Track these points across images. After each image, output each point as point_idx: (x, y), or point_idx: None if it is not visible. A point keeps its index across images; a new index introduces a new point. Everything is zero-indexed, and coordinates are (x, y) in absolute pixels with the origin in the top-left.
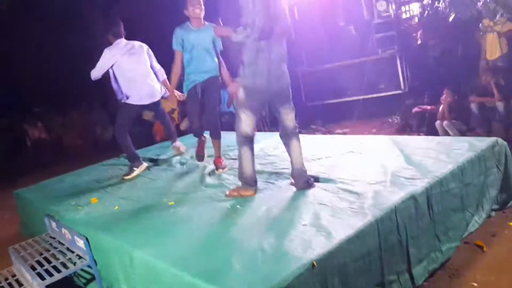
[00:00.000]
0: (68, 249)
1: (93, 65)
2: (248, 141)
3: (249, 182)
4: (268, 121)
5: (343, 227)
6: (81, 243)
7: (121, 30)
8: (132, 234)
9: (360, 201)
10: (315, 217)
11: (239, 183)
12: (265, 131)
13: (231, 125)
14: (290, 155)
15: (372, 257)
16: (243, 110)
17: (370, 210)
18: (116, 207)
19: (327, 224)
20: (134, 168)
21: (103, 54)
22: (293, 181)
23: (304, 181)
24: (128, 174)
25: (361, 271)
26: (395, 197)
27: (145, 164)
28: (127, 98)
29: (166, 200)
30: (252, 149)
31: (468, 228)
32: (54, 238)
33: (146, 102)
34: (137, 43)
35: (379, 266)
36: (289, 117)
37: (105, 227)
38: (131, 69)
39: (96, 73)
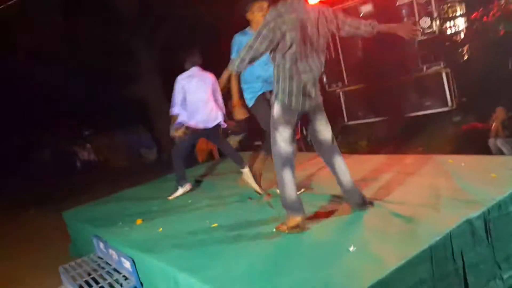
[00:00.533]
0: (115, 270)
1: (138, 90)
2: (289, 162)
3: (296, 208)
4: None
5: (394, 253)
6: (127, 264)
7: (196, 59)
8: (176, 257)
9: (411, 225)
10: (363, 243)
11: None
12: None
13: None
14: (336, 173)
15: (426, 286)
16: (281, 127)
17: (422, 235)
18: (160, 229)
19: (376, 251)
20: (179, 187)
21: (176, 82)
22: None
23: (359, 200)
24: (172, 194)
25: None
26: (449, 221)
27: (189, 185)
28: (189, 120)
29: (209, 222)
30: (293, 170)
31: None
32: (101, 259)
33: (207, 126)
34: (208, 74)
35: None
36: (326, 130)
37: (150, 249)
38: (196, 94)
39: (173, 108)
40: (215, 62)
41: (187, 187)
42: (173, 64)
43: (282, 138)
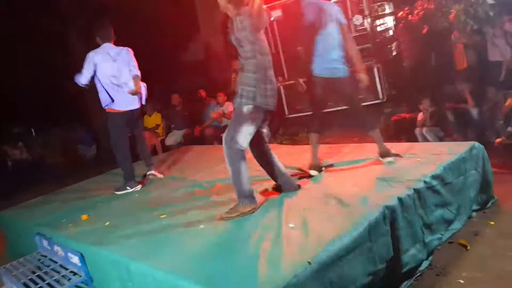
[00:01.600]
0: (61, 266)
1: (73, 84)
2: (244, 155)
3: (250, 196)
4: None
5: (335, 227)
6: (75, 259)
7: (109, 33)
8: (127, 247)
9: (348, 205)
10: (303, 222)
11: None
12: None
13: None
14: (274, 162)
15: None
16: (247, 124)
17: (359, 211)
18: (108, 223)
19: (317, 228)
20: (128, 188)
21: (87, 56)
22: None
23: (293, 183)
24: (120, 190)
25: (355, 262)
26: (383, 198)
27: (139, 186)
28: (113, 104)
29: (158, 213)
30: (246, 162)
31: (451, 226)
32: (45, 256)
33: (132, 107)
34: (124, 49)
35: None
36: (267, 128)
37: (99, 242)
38: (114, 75)
39: (80, 77)
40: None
41: (137, 188)
42: None
43: (246, 136)
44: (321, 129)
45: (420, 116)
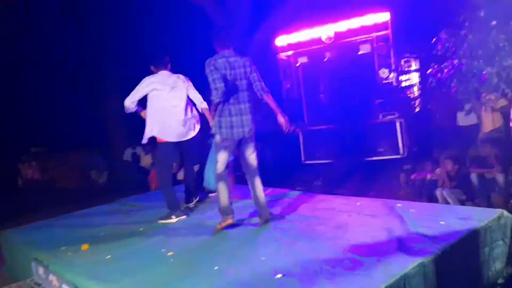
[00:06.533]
0: None
1: (99, 110)
2: (225, 177)
3: (225, 211)
4: None
5: None
6: None
7: (163, 61)
8: (125, 286)
9: (367, 266)
10: (321, 282)
11: None
12: None
13: None
14: (255, 190)
15: None
16: (221, 151)
17: (378, 276)
18: (109, 256)
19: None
20: (173, 217)
21: (142, 81)
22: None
23: (269, 214)
24: (164, 219)
25: None
26: (403, 264)
27: (184, 216)
28: (162, 135)
29: (165, 250)
30: (227, 183)
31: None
32: (39, 285)
33: (182, 139)
34: (180, 76)
35: None
36: (253, 156)
37: (96, 277)
38: (172, 104)
39: (129, 100)
40: None
41: (182, 218)
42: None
43: (221, 160)
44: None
45: (440, 176)
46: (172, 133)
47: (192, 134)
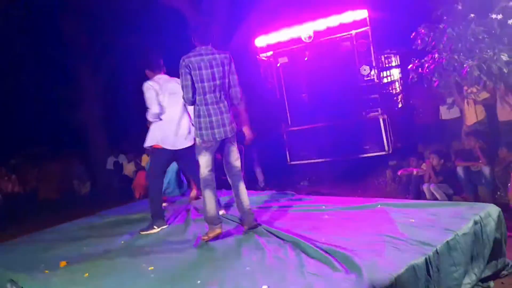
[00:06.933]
0: None
1: (76, 117)
2: (210, 183)
3: (213, 221)
4: None
5: None
6: None
7: (159, 64)
8: None
9: (355, 269)
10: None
11: None
12: None
13: None
14: (239, 195)
15: None
16: (202, 153)
17: (367, 279)
18: (87, 274)
19: None
20: (155, 227)
21: (144, 86)
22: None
23: (253, 221)
24: (146, 230)
25: None
26: (393, 266)
27: (166, 226)
28: (162, 143)
29: (146, 265)
30: (214, 190)
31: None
32: None
33: (181, 146)
34: (178, 81)
35: None
36: (236, 157)
37: None
38: (170, 110)
39: (154, 108)
40: None
41: (164, 227)
42: (116, 93)
43: (204, 165)
44: None
45: (426, 171)
46: (171, 141)
47: (191, 142)
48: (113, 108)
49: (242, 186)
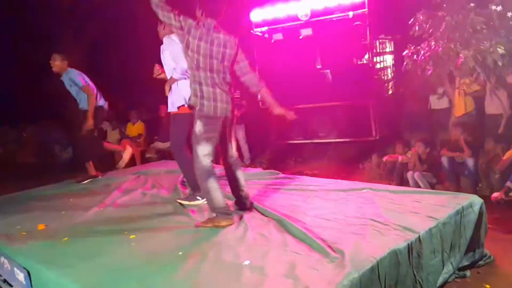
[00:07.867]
0: (5, 281)
1: (56, 82)
2: (212, 172)
3: (226, 212)
4: None
5: (323, 281)
6: (21, 276)
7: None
8: (81, 273)
9: (339, 254)
10: (290, 268)
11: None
12: None
13: None
14: (238, 183)
15: None
16: (203, 144)
17: (350, 263)
18: (66, 238)
19: (304, 278)
20: (198, 198)
21: (165, 42)
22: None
23: (250, 203)
24: (188, 200)
25: None
26: (376, 250)
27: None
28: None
29: (127, 232)
30: (217, 178)
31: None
32: None
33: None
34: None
35: None
36: (232, 146)
37: (50, 260)
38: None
39: (180, 66)
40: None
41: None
42: (97, 61)
43: (206, 155)
44: None
45: (411, 159)
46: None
47: None
48: (97, 74)
49: (240, 173)
